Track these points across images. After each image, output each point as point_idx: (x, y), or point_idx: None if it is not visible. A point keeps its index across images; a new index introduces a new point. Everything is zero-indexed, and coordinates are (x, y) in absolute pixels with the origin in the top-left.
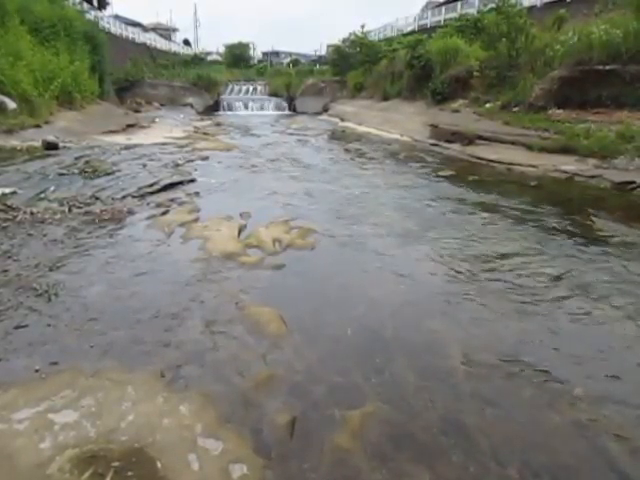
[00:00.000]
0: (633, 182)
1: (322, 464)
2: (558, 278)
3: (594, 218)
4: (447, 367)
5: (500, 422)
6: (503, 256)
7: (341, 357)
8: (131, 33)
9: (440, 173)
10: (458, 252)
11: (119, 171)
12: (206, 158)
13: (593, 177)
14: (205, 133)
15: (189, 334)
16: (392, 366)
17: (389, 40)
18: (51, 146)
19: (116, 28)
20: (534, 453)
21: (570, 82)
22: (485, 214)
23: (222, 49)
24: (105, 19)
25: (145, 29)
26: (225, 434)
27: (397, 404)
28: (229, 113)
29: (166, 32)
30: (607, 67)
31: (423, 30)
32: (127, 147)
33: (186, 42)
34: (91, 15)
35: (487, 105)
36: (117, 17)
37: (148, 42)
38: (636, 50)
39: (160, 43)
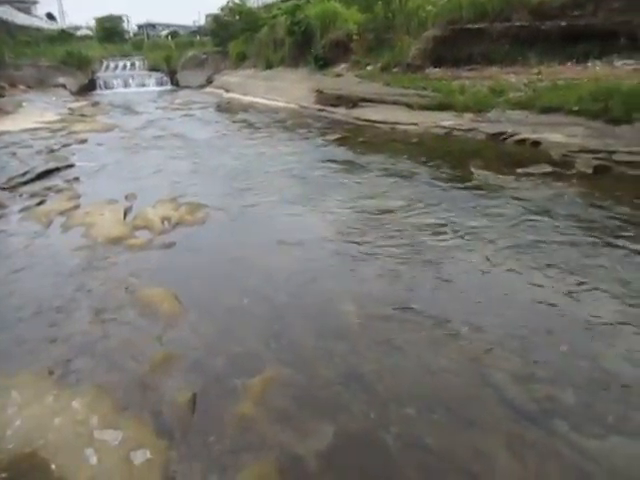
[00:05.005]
0: (505, 133)
1: (226, 435)
2: (442, 227)
3: (472, 169)
4: (343, 324)
5: (396, 368)
6: (390, 211)
7: (239, 328)
8: None
9: (327, 137)
10: (348, 212)
11: None
12: (84, 141)
13: (470, 130)
14: (82, 115)
15: (77, 326)
16: (290, 330)
17: (269, 7)
18: None
19: None
20: (429, 392)
21: (443, 41)
22: (372, 173)
23: (92, 23)
24: None
25: None
26: (123, 422)
27: (297, 366)
28: (107, 92)
29: (24, 5)
30: (476, 26)
31: None
32: None
33: (50, 16)
34: None
35: (368, 68)
36: None
37: (4, 17)
38: (500, 9)
39: (18, 17)
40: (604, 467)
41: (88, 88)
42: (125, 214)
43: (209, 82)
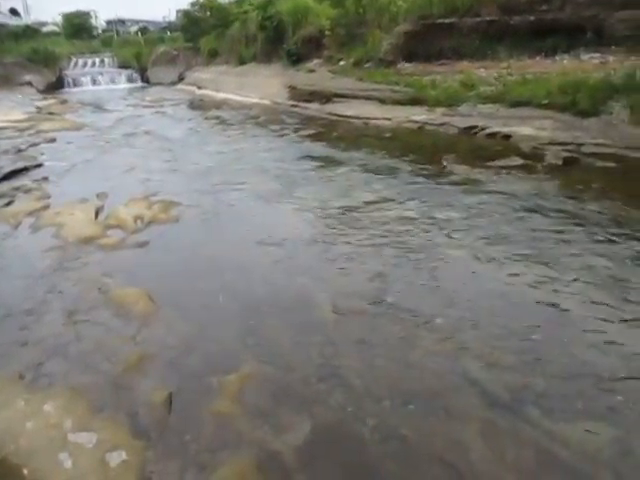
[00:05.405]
0: (476, 127)
1: (203, 434)
2: (416, 220)
3: (445, 162)
4: (319, 318)
5: (372, 361)
6: (365, 206)
7: (215, 325)
8: None
9: (301, 133)
10: (322, 207)
11: None
12: (53, 140)
13: (442, 125)
14: (50, 113)
15: (49, 328)
16: (266, 326)
17: (240, 2)
18: None
19: None
20: (404, 384)
21: (415, 36)
22: (346, 168)
23: (59, 19)
24: None
25: None
26: (98, 424)
27: (274, 361)
28: (75, 90)
29: None
30: (446, 21)
31: None
32: None
33: (13, 11)
34: None
35: (341, 63)
36: None
37: None
38: (470, 4)
39: None
40: (575, 451)
41: (56, 86)
42: (97, 213)
43: (181, 79)
